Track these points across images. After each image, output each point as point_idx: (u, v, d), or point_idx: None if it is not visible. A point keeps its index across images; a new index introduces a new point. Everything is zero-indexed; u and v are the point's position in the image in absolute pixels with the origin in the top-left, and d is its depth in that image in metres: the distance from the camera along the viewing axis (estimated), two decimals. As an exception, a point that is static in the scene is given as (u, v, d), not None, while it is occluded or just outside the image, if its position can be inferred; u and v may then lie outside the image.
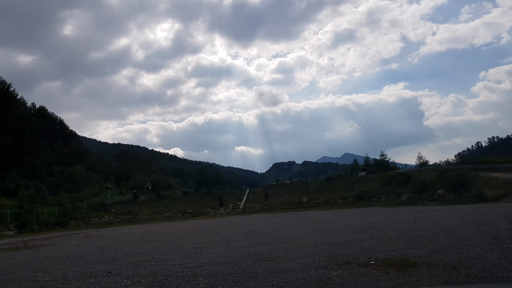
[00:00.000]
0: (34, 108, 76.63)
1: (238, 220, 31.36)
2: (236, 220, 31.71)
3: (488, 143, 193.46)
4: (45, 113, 77.92)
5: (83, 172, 59.36)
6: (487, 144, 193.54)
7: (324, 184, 52.29)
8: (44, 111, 78.19)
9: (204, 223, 29.95)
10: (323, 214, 30.79)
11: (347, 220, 20.58)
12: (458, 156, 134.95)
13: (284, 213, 37.48)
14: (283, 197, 49.23)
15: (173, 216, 47.81)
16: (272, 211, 44.21)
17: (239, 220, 31.27)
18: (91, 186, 57.66)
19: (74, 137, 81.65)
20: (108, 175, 71.56)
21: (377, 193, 42.18)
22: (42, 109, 78.07)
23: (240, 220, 30.42)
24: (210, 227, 23.54)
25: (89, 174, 61.44)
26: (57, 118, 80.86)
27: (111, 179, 70.04)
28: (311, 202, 46.05)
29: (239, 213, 46.40)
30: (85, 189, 55.60)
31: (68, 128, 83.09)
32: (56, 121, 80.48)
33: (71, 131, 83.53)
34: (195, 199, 52.73)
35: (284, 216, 32.65)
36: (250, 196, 52.93)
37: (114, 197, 55.24)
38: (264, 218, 32.01)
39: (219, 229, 21.61)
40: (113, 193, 58.81)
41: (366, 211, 30.53)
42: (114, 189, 63.16)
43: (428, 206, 31.72)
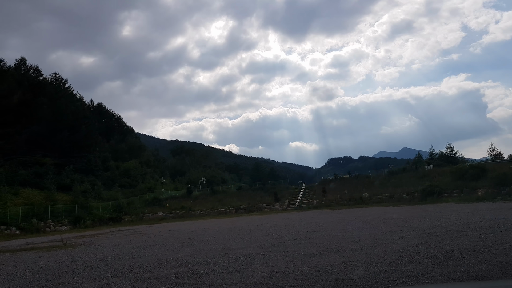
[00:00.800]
0: (92, 105, 78.30)
1: (295, 216, 28.53)
2: (293, 216, 28.90)
3: None
4: (103, 109, 79.41)
5: (138, 167, 59.28)
6: None
7: (386, 178, 47.97)
8: (102, 108, 79.70)
9: (259, 220, 27.43)
10: (391, 211, 27.18)
11: (426, 219, 17.12)
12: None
13: (345, 210, 34.14)
14: (342, 192, 45.66)
15: (227, 212, 45.94)
16: (331, 207, 40.96)
17: (296, 216, 28.43)
18: (146, 181, 57.36)
19: (131, 133, 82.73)
20: (163, 171, 71.43)
21: (448, 188, 37.59)
22: (100, 106, 79.67)
23: (297, 217, 27.57)
24: (265, 225, 20.92)
25: (144, 169, 61.34)
26: (114, 114, 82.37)
27: (166, 174, 69.87)
28: (373, 198, 42.20)
29: (296, 209, 43.54)
30: (140, 184, 55.33)
31: (125, 125, 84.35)
32: (113, 118, 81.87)
33: (128, 127, 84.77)
34: (249, 194, 50.52)
35: (346, 213, 29.37)
36: (307, 192, 49.84)
37: (169, 192, 54.41)
38: (324, 215, 28.95)
39: (274, 227, 18.93)
40: (168, 188, 58.18)
41: (441, 207, 26.56)
42: (169, 184, 62.63)
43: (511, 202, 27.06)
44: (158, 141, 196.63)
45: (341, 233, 13.51)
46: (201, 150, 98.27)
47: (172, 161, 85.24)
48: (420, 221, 16.43)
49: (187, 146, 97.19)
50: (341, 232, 13.67)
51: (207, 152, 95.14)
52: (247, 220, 28.21)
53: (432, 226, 13.86)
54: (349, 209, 35.28)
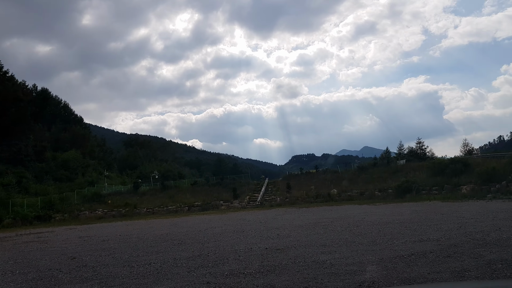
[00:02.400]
0: (35, 90, 69.22)
1: (254, 217, 22.76)
2: (251, 217, 23.12)
3: (510, 137, 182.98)
4: (48, 95, 70.42)
5: (79, 158, 51.66)
6: (509, 138, 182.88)
7: (356, 174, 43.16)
8: (47, 94, 70.65)
9: (207, 222, 21.48)
10: (370, 210, 21.93)
11: (443, 225, 11.70)
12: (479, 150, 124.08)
13: (313, 208, 28.79)
14: (308, 188, 40.44)
15: (178, 210, 39.72)
16: (296, 205, 35.69)
17: (255, 217, 22.67)
18: (87, 175, 49.90)
19: (80, 123, 74.22)
20: (111, 163, 63.74)
21: (426, 185, 33.09)
22: (45, 91, 70.59)
23: (256, 218, 21.82)
24: (209, 231, 15.02)
25: (86, 161, 53.64)
26: (61, 101, 73.42)
27: (114, 168, 62.42)
28: (342, 195, 37.30)
29: (256, 207, 37.92)
30: (79, 177, 47.87)
31: (73, 113, 75.59)
32: (60, 105, 73.00)
33: (76, 116, 76.08)
34: (205, 191, 44.41)
35: (315, 212, 23.90)
36: (270, 187, 44.31)
37: (113, 187, 47.27)
38: (289, 214, 23.36)
39: (219, 235, 13.10)
40: (114, 182, 50.98)
41: (428, 207, 21.61)
42: (115, 178, 55.38)
43: (507, 200, 22.53)
44: (117, 135, 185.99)
45: (324, 255, 7.76)
46: (158, 143, 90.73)
47: (124, 153, 77.55)
48: (441, 229, 11.00)
49: (146, 139, 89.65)
50: (323, 254, 7.93)
51: (164, 145, 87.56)
52: (193, 222, 22.14)
53: (459, 234, 8.43)
54: (317, 207, 30.01)
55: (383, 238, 9.66)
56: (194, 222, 22.39)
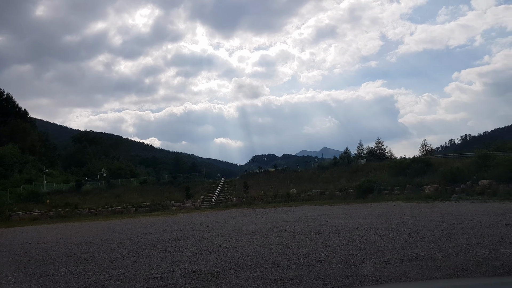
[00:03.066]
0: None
1: (203, 220, 19.91)
2: (199, 220, 20.24)
3: (460, 140, 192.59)
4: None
5: (17, 153, 46.49)
6: (459, 141, 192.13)
7: (316, 173, 41.18)
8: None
9: (148, 225, 18.44)
10: (332, 212, 19.64)
11: (415, 231, 9.42)
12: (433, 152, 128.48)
13: (270, 209, 26.31)
14: (266, 188, 37.99)
15: (124, 211, 36.17)
16: (253, 205, 33.19)
17: (204, 220, 19.83)
18: (25, 172, 44.97)
19: (24, 117, 67.88)
20: (54, 160, 58.38)
21: (388, 185, 31.54)
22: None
23: (204, 221, 18.98)
24: (139, 239, 12.09)
25: (26, 156, 48.44)
26: (3, 93, 66.70)
27: (57, 164, 57.29)
28: (301, 195, 35.19)
29: (211, 207, 35.07)
30: (15, 175, 42.93)
31: (17, 106, 69.10)
32: (2, 96, 66.30)
33: (20, 109, 69.57)
34: (156, 190, 40.89)
35: (272, 214, 21.38)
36: (226, 187, 41.46)
37: (54, 186, 42.71)
38: (242, 216, 20.67)
39: (147, 246, 10.24)
40: (56, 180, 46.24)
41: (395, 208, 19.64)
42: (58, 176, 50.47)
43: (475, 201, 21.02)
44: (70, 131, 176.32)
45: (275, 286, 5.04)
46: (110, 140, 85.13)
47: (71, 149, 71.98)
48: (426, 239, 8.63)
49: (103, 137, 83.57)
50: (274, 285, 5.21)
51: (117, 142, 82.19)
52: (131, 226, 18.96)
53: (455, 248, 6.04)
54: (275, 208, 27.59)
55: (357, 253, 7.13)
56: (133, 225, 19.20)
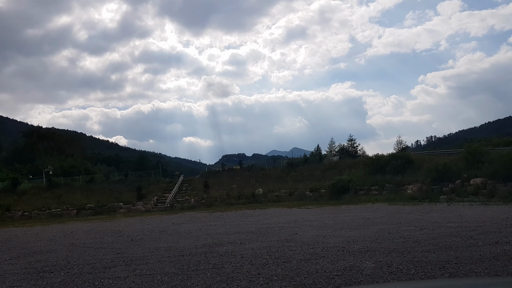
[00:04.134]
0: None
1: (139, 227, 15.28)
2: (135, 227, 15.57)
3: (426, 141, 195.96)
4: None
5: None
6: (425, 142, 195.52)
7: (285, 171, 36.96)
8: None
9: (59, 238, 13.60)
10: (302, 217, 15.35)
11: (436, 248, 5.13)
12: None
13: (230, 213, 21.94)
14: (230, 187, 33.50)
15: (63, 214, 31.08)
16: (213, 207, 28.85)
17: (141, 227, 15.20)
18: None
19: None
20: None
21: (364, 184, 27.77)
22: None
23: (139, 229, 14.38)
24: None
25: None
26: None
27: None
28: (268, 195, 31.01)
29: (164, 210, 30.39)
30: None
31: None
32: None
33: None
34: (104, 190, 35.60)
35: (229, 219, 16.99)
36: (185, 186, 36.65)
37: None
38: (192, 223, 16.13)
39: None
40: None
41: (380, 212, 15.60)
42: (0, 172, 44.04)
43: (473, 204, 17.23)
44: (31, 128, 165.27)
45: None
46: (66, 136, 78.00)
47: (19, 145, 65.00)
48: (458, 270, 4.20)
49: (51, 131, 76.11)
50: None
51: (73, 138, 75.31)
52: (36, 238, 14.00)
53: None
54: (236, 211, 23.19)
55: None
56: (41, 237, 14.23)
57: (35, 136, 66.10)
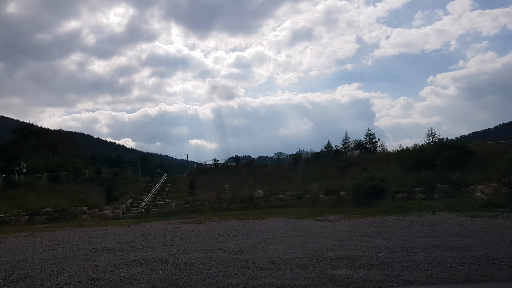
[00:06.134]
0: None
1: (46, 256, 6.89)
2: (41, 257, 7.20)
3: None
4: None
5: None
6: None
7: (292, 169, 28.58)
8: None
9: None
10: (325, 242, 6.94)
11: None
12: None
13: (209, 225, 13.74)
14: (221, 188, 25.27)
15: (12, 220, 23.42)
16: (197, 214, 20.96)
17: (50, 256, 6.78)
18: None
19: None
20: None
21: (402, 183, 19.39)
22: None
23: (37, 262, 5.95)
24: None
25: None
26: None
27: None
28: (270, 199, 22.87)
29: (138, 216, 22.37)
30: None
31: None
32: None
33: None
34: (70, 190, 27.64)
35: (202, 240, 8.73)
36: (168, 186, 28.51)
37: None
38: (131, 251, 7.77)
39: None
40: None
41: (473, 230, 7.12)
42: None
43: None
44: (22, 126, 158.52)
45: None
46: (58, 134, 70.55)
47: (3, 141, 57.69)
48: None
49: (42, 129, 68.88)
50: None
51: (64, 136, 67.75)
52: None
53: None
54: (221, 221, 14.98)
55: None
56: None
57: (24, 132, 59.00)
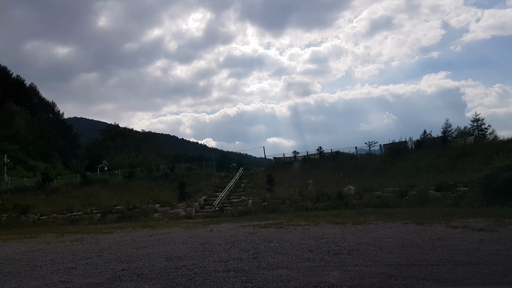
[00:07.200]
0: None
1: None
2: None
3: None
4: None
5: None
6: None
7: (388, 160, 23.61)
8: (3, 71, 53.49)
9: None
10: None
11: None
12: None
13: (292, 231, 9.80)
14: (304, 184, 21.37)
15: (84, 218, 21.79)
16: (277, 214, 17.38)
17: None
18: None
19: (46, 108, 56.67)
20: (48, 150, 45.77)
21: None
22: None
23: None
24: None
25: (2, 144, 35.95)
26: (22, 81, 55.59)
27: (53, 156, 44.79)
28: (365, 196, 18.58)
29: (210, 215, 19.56)
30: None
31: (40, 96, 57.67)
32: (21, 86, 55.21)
33: (44, 100, 58.37)
34: (143, 186, 26.00)
35: (284, 260, 4.81)
36: (244, 182, 25.41)
37: (24, 181, 29.35)
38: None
39: None
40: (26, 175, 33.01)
41: None
42: (53, 169, 37.56)
43: None
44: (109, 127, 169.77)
45: None
46: (141, 134, 72.48)
47: (90, 141, 60.11)
48: None
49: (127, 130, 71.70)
50: None
51: (147, 136, 69.18)
52: None
53: None
54: (308, 224, 11.14)
55: None
56: None
57: (112, 133, 61.17)
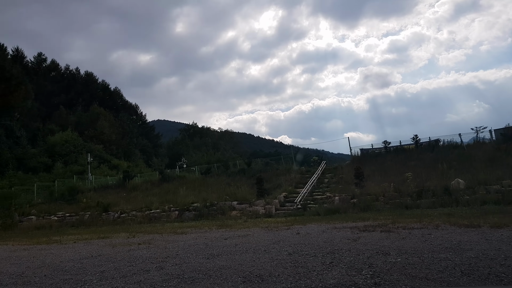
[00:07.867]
0: (77, 73, 56.04)
1: None
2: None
3: None
4: (91, 79, 56.97)
5: (76, 141, 35.73)
6: None
7: (501, 147, 19.34)
8: (91, 77, 57.22)
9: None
10: None
11: None
12: None
13: (428, 235, 7.11)
14: (399, 178, 18.25)
15: (162, 216, 21.24)
16: (372, 213, 14.64)
17: None
18: (80, 162, 33.53)
19: (129, 109, 59.50)
20: (130, 149, 47.01)
21: None
22: (89, 75, 57.40)
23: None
24: None
25: (88, 145, 37.44)
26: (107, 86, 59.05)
27: (135, 156, 46.00)
28: (477, 191, 14.86)
29: (293, 215, 17.59)
30: (57, 166, 31.90)
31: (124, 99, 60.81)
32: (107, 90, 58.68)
33: (127, 103, 61.41)
34: (219, 183, 24.80)
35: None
36: (327, 177, 22.85)
37: (103, 180, 30.14)
38: None
39: None
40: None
41: None
42: (135, 167, 38.56)
43: None
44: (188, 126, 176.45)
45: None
46: (219, 132, 73.24)
47: (170, 140, 61.59)
48: None
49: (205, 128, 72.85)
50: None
51: (223, 134, 69.60)
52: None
53: None
54: (436, 228, 8.36)
55: None
56: None
57: (190, 132, 62.50)
